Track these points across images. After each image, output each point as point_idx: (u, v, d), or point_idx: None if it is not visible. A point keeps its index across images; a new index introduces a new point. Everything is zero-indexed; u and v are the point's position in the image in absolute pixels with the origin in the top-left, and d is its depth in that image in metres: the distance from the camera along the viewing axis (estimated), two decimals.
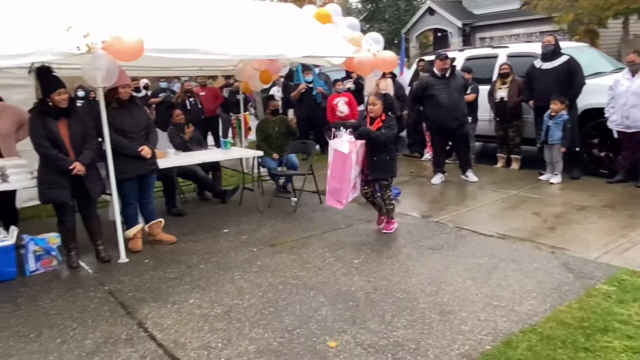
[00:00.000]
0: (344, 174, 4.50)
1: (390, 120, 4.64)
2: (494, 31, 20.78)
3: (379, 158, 4.63)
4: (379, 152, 4.62)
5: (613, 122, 5.88)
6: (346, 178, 4.51)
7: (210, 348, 2.87)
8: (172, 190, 5.78)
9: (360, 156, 4.63)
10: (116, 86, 4.32)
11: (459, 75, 6.63)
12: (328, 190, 4.67)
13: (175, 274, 4.02)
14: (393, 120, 4.68)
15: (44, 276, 4.05)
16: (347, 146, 4.45)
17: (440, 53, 6.80)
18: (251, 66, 6.94)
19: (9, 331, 3.15)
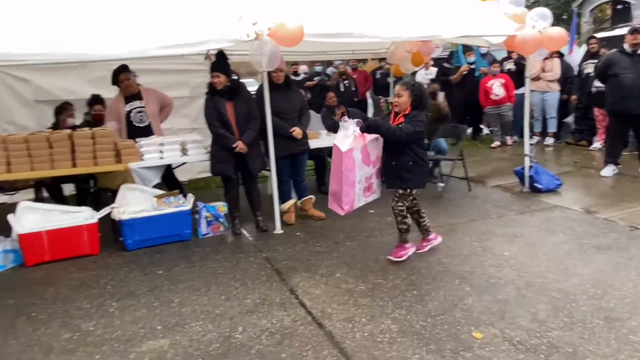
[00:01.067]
0: (343, 176, 3.59)
1: (416, 116, 3.63)
2: None
3: (398, 162, 3.70)
4: (399, 155, 3.68)
5: None
6: (347, 180, 3.61)
7: (354, 322, 2.99)
8: (322, 169, 6.06)
9: (375, 154, 3.75)
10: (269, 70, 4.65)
11: None
12: (329, 191, 3.83)
13: (323, 248, 4.25)
14: (420, 116, 3.65)
15: (212, 239, 4.59)
16: (347, 142, 3.55)
17: (633, 26, 5.93)
18: (403, 48, 6.88)
19: (185, 284, 3.66)
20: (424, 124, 3.66)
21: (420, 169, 3.76)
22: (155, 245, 4.39)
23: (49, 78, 5.94)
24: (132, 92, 5.08)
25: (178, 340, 2.87)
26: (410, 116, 3.64)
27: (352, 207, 3.75)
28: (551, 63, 7.62)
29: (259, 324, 3.01)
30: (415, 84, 3.78)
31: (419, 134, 3.65)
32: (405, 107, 3.66)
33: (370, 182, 3.82)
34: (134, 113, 5.06)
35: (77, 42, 3.95)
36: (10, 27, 3.80)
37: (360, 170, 3.67)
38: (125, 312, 3.24)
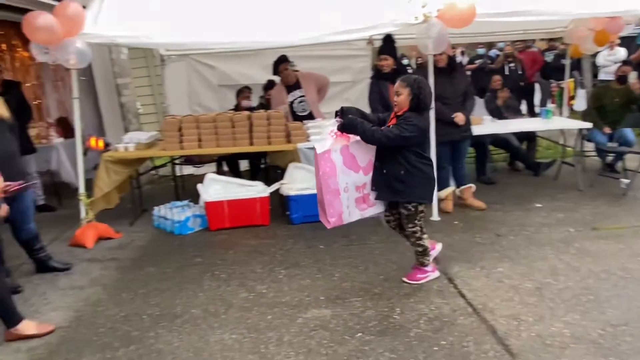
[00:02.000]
0: (322, 181, 3.11)
1: (408, 118, 3.09)
2: None
3: (388, 170, 3.19)
4: (389, 162, 3.18)
5: None
6: (327, 188, 3.12)
7: (520, 320, 2.83)
8: (483, 157, 5.78)
9: (365, 158, 3.23)
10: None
11: None
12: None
13: (483, 239, 4.08)
14: (413, 119, 3.09)
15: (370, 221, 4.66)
16: (325, 143, 3.11)
17: None
18: (585, 26, 6.15)
19: (344, 260, 3.83)
20: (418, 129, 3.11)
21: (417, 181, 3.19)
22: (317, 221, 4.63)
23: (230, 65, 6.62)
24: (291, 81, 5.36)
25: (339, 312, 3.03)
26: (402, 118, 3.14)
27: (340, 221, 3.23)
28: None
29: (416, 308, 3.03)
30: (417, 80, 3.19)
31: (407, 139, 3.07)
32: (403, 107, 3.17)
33: (365, 192, 3.28)
34: (297, 103, 5.38)
35: (257, 32, 4.35)
36: (201, 21, 4.33)
37: (345, 175, 3.16)
38: (292, 280, 3.52)
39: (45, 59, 4.24)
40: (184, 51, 6.39)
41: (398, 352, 2.58)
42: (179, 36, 4.41)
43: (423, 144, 3.29)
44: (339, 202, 3.17)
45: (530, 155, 6.04)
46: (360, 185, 3.25)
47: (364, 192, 3.27)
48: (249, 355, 2.63)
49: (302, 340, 2.75)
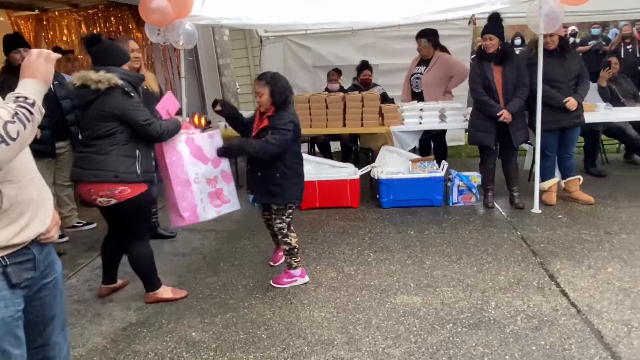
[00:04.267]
0: (168, 173, 2.99)
1: (282, 118, 2.98)
2: None
3: (263, 174, 3.11)
4: (263, 165, 3.09)
5: None
6: (176, 178, 2.99)
7: (631, 326, 2.58)
8: (594, 147, 5.31)
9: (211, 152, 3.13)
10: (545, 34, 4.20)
11: None
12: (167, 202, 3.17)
13: (591, 236, 3.76)
14: (286, 116, 2.99)
15: (463, 209, 4.54)
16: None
17: None
18: None
19: (435, 248, 3.73)
20: (295, 125, 3.04)
21: (291, 182, 3.11)
22: (407, 206, 4.58)
23: (325, 46, 6.64)
24: (425, 56, 5.24)
25: (429, 301, 2.97)
26: (275, 119, 3.01)
27: (196, 216, 3.08)
28: None
29: (513, 304, 2.88)
30: (273, 76, 3.06)
31: (292, 140, 3.03)
32: (268, 107, 3.05)
33: (218, 187, 3.17)
34: (413, 78, 5.32)
35: (357, 11, 4.30)
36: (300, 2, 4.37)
37: (194, 166, 3.05)
38: (381, 264, 3.50)
39: (157, 39, 4.53)
40: (281, 32, 6.52)
41: (492, 348, 2.48)
42: (279, 17, 4.49)
43: (298, 139, 3.19)
44: (191, 193, 3.05)
45: None
46: (212, 179, 3.15)
47: (217, 187, 3.19)
48: (338, 335, 2.66)
49: (391, 325, 2.73)
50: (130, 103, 2.80)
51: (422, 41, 5.16)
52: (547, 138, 4.37)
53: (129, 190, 2.83)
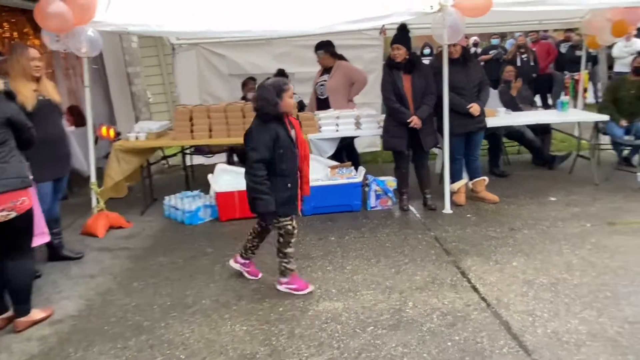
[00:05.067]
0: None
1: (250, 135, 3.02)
2: None
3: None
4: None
5: None
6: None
7: (535, 315, 2.78)
8: (497, 150, 5.70)
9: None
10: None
11: None
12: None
13: (497, 233, 4.02)
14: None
15: (380, 213, 4.67)
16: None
17: None
18: (603, 17, 6.01)
19: (355, 253, 3.79)
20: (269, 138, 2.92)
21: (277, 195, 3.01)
22: (327, 213, 4.63)
23: (240, 54, 6.56)
24: (325, 65, 5.38)
25: (351, 306, 3.00)
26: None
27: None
28: None
29: (429, 302, 2.99)
30: (260, 85, 3.08)
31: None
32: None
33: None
34: (318, 85, 5.44)
35: (269, 20, 4.29)
36: (212, 9, 4.28)
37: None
38: (302, 271, 3.49)
39: (56, 47, 4.23)
40: (194, 40, 6.35)
41: (410, 347, 2.55)
42: (191, 24, 4.36)
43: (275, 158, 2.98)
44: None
45: (545, 148, 5.94)
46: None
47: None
48: (260, 347, 2.61)
49: (314, 333, 2.73)
50: (16, 107, 2.79)
51: (319, 53, 5.34)
52: (455, 142, 4.62)
53: (28, 200, 2.75)
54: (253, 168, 2.96)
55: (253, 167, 2.96)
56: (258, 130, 2.97)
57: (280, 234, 3.14)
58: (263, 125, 2.98)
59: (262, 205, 2.97)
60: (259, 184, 2.95)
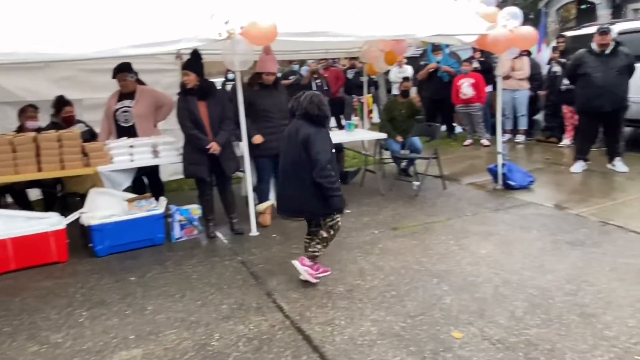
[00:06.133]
0: None
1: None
2: None
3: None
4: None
5: None
6: None
7: (334, 324, 2.95)
8: None
9: None
10: (261, 72, 4.72)
11: (622, 53, 5.74)
12: None
13: (300, 249, 4.15)
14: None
15: (186, 243, 4.48)
16: None
17: (601, 26, 6.02)
18: (376, 47, 6.88)
19: (158, 290, 3.54)
20: (329, 141, 3.33)
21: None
22: (127, 250, 4.25)
23: (11, 78, 5.67)
24: (127, 90, 4.96)
25: (152, 350, 2.78)
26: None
27: None
28: (520, 62, 7.74)
29: (235, 330, 2.94)
30: (313, 94, 3.38)
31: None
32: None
33: None
34: (120, 112, 4.94)
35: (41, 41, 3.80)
36: None
37: None
38: (96, 321, 3.12)
39: None
40: None
41: None
42: None
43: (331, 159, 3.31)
44: None
45: (339, 165, 6.47)
46: None
47: None
48: None
49: None
50: None
51: (130, 75, 4.97)
52: (263, 164, 4.73)
53: None
54: (326, 169, 3.20)
55: (326, 168, 3.20)
56: (318, 135, 3.23)
57: (334, 228, 3.46)
58: (319, 129, 3.27)
59: (339, 202, 3.30)
60: (334, 183, 3.23)
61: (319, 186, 3.23)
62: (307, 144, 3.22)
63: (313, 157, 3.20)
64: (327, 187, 3.23)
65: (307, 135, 3.23)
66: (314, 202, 3.30)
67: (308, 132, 3.24)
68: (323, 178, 3.21)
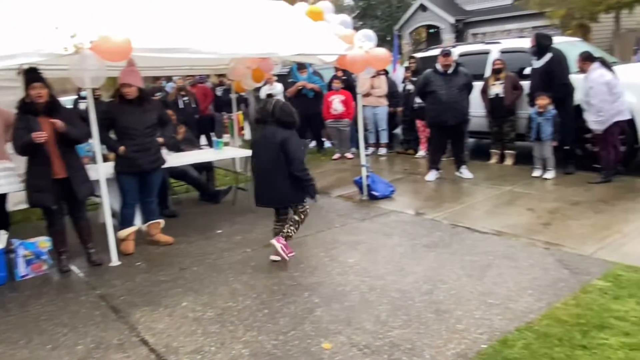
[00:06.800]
0: None
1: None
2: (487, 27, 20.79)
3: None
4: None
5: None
6: None
7: (204, 352, 2.83)
8: (164, 191, 5.71)
9: None
10: (118, 85, 4.44)
11: (462, 72, 6.45)
12: None
13: (167, 276, 3.97)
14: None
15: (34, 281, 3.99)
16: None
17: (443, 49, 6.72)
18: (243, 65, 6.89)
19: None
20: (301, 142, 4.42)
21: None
22: None
23: None
24: None
25: None
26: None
27: None
28: (379, 80, 8.32)
29: None
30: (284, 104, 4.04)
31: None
32: None
33: None
34: None
35: None
36: None
37: None
38: None
39: None
40: None
41: None
42: None
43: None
44: None
45: (209, 185, 6.32)
46: None
47: None
48: None
49: None
50: None
51: None
52: (127, 184, 4.42)
53: None
54: (303, 164, 3.99)
55: (303, 163, 4.00)
56: (292, 138, 3.95)
57: (304, 213, 4.16)
58: (291, 132, 3.98)
59: (313, 189, 4.08)
60: (308, 175, 4.02)
61: (297, 178, 3.94)
62: (284, 145, 3.88)
63: (291, 156, 3.89)
64: (304, 179, 3.98)
65: (284, 138, 3.90)
66: (291, 192, 3.99)
67: (284, 135, 3.92)
68: (301, 172, 3.95)
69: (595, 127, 5.76)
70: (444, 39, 20.94)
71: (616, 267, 3.58)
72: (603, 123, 5.64)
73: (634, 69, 7.31)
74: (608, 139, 5.74)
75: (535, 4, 15.35)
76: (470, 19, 21.33)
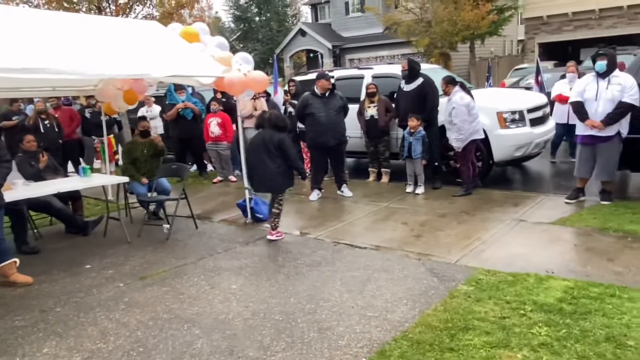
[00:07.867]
0: None
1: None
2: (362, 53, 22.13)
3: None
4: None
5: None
6: None
7: None
8: (22, 225, 5.10)
9: None
10: None
11: (338, 95, 6.73)
12: None
13: (25, 321, 3.52)
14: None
15: None
16: None
17: (324, 73, 6.93)
18: (113, 86, 6.51)
19: None
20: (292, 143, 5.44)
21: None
22: None
23: None
24: None
25: None
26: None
27: None
28: (260, 102, 8.36)
29: None
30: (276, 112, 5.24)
31: None
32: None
33: None
34: None
35: None
36: None
37: None
38: None
39: None
40: None
41: None
42: None
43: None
44: None
45: (76, 215, 5.79)
46: None
47: None
48: None
49: None
50: None
51: None
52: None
53: None
54: (297, 158, 5.16)
55: (297, 158, 5.17)
56: (287, 139, 5.08)
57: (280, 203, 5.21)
58: (285, 134, 5.11)
59: (304, 173, 5.39)
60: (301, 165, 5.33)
61: (286, 170, 5.05)
62: (281, 144, 4.95)
63: (288, 152, 4.98)
64: (298, 168, 5.19)
65: (280, 138, 4.98)
66: (283, 179, 5.07)
67: (280, 136, 5.00)
68: (295, 162, 5.11)
69: (456, 145, 6.36)
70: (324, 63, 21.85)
71: (477, 272, 3.93)
72: (463, 141, 6.25)
73: (487, 94, 8.25)
74: (467, 156, 6.37)
75: (402, 33, 16.73)
76: (346, 45, 22.54)
